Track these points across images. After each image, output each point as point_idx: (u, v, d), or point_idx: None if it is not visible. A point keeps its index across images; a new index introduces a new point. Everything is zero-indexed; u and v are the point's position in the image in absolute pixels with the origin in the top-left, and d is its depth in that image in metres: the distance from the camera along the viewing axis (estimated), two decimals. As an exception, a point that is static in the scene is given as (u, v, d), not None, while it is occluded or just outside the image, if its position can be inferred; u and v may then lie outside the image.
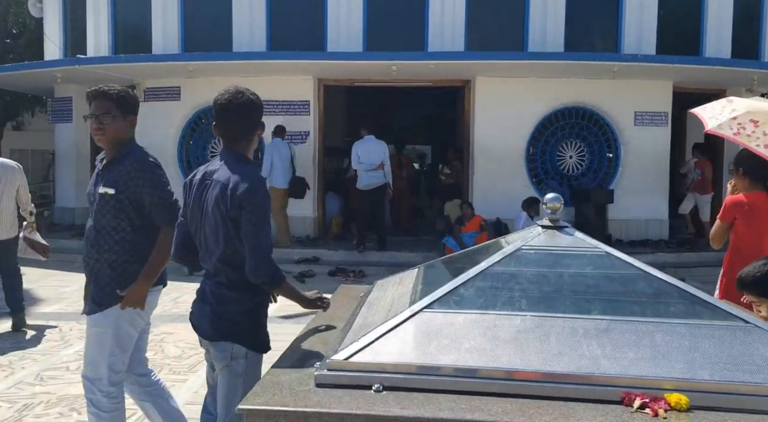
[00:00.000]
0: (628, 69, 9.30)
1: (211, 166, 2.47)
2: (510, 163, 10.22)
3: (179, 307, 6.85)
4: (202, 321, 2.43)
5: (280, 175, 9.46)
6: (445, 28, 10.31)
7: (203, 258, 2.45)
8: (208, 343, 2.43)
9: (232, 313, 2.38)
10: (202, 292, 2.47)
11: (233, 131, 2.46)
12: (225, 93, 2.47)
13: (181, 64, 9.55)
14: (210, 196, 2.35)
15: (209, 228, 2.35)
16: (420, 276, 2.61)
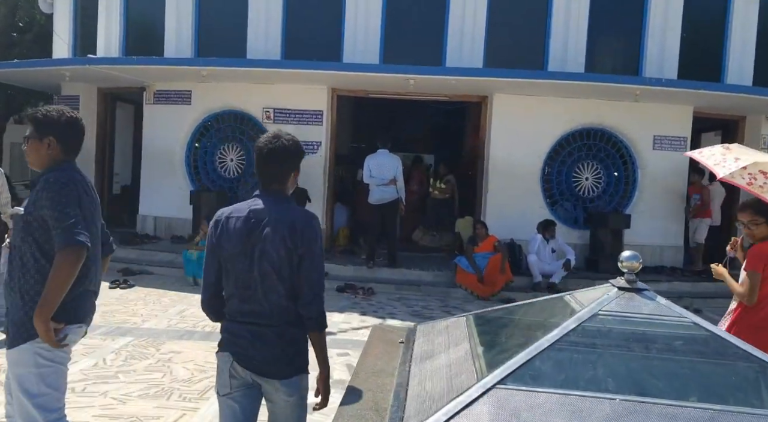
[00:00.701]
0: (651, 93, 9.13)
1: (252, 205, 2.47)
2: (525, 182, 10.02)
3: (186, 321, 6.61)
4: (272, 364, 2.40)
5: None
6: (465, 43, 10.12)
7: (246, 299, 2.43)
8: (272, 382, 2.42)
9: (303, 348, 2.47)
10: (256, 335, 2.41)
11: (272, 174, 2.51)
12: (264, 138, 2.52)
13: (194, 68, 9.34)
14: (268, 235, 2.38)
15: (269, 267, 2.38)
16: (473, 332, 2.39)
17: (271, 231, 2.38)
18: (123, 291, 7.96)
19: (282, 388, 2.41)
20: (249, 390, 2.46)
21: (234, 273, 2.44)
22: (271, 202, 2.46)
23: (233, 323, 2.47)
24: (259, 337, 2.40)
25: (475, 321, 2.53)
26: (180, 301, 7.58)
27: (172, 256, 9.53)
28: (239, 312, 2.45)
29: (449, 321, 2.67)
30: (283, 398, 2.43)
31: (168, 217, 10.77)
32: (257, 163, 2.52)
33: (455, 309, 7.96)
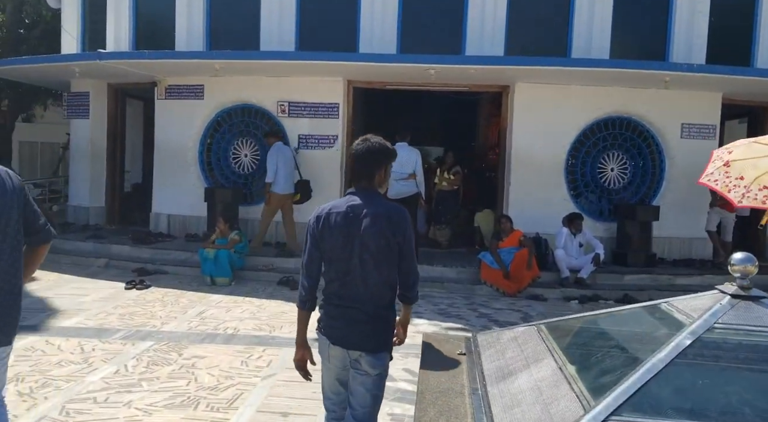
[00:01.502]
0: (681, 79, 8.78)
1: (349, 201, 2.75)
2: (548, 174, 9.71)
3: (206, 324, 6.36)
4: (361, 338, 2.71)
5: (282, 180, 9.04)
6: (485, 31, 9.80)
7: (346, 283, 2.72)
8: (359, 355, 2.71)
9: (390, 329, 2.80)
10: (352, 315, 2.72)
11: (360, 172, 2.81)
12: (356, 142, 2.84)
13: (207, 61, 9.07)
14: (367, 227, 2.67)
15: (369, 256, 2.67)
16: (553, 346, 2.11)
17: (370, 223, 2.67)
18: (140, 292, 7.72)
19: (369, 360, 2.70)
20: (345, 366, 2.79)
21: (335, 262, 2.74)
22: (365, 198, 2.75)
23: (331, 306, 2.79)
24: (354, 317, 2.72)
25: (551, 332, 2.25)
26: (199, 302, 7.34)
27: (187, 255, 9.29)
28: (338, 296, 2.76)
29: (516, 331, 2.39)
30: (368, 369, 2.71)
31: (182, 215, 10.53)
32: (350, 163, 2.90)
33: (482, 306, 7.69)
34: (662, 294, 8.43)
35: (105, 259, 9.31)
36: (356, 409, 2.75)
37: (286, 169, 9.11)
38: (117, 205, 11.89)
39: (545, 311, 7.53)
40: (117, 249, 9.69)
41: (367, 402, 2.73)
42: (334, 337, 2.77)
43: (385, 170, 2.83)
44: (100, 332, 5.95)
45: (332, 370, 2.84)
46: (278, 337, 5.96)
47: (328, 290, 2.82)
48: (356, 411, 2.74)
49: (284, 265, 9.01)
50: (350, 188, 2.86)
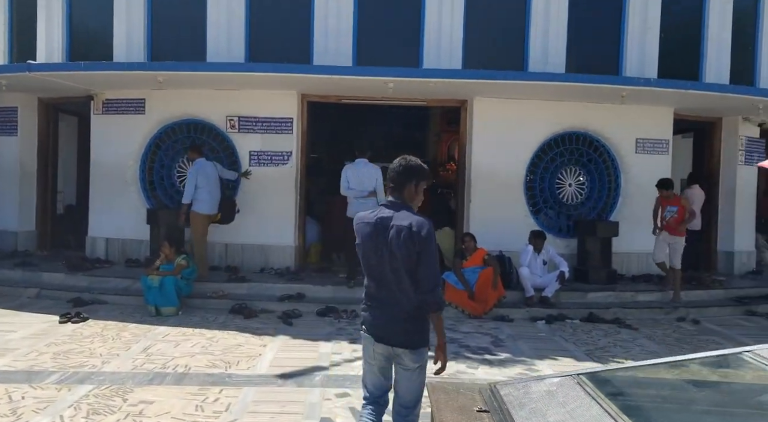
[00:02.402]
0: (637, 94, 8.77)
1: (380, 213, 3.09)
2: (509, 191, 9.52)
3: (153, 361, 5.74)
4: (402, 336, 3.05)
5: (205, 198, 8.53)
6: (442, 45, 9.56)
7: (381, 287, 3.08)
8: (402, 351, 3.06)
9: (426, 327, 3.08)
10: (390, 315, 3.07)
11: (392, 187, 3.16)
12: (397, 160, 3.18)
13: (149, 73, 8.45)
14: (393, 237, 2.98)
15: (398, 264, 2.99)
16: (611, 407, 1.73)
17: (395, 234, 2.99)
18: (76, 326, 7.00)
19: (410, 356, 3.05)
20: (387, 360, 3.15)
21: (370, 267, 3.10)
22: (393, 210, 3.08)
23: (371, 307, 3.14)
24: (392, 317, 3.05)
25: (600, 386, 1.88)
26: (143, 336, 6.69)
27: (128, 282, 8.58)
28: (375, 298, 3.12)
29: (549, 383, 2.02)
30: (409, 364, 3.06)
31: (121, 239, 9.78)
32: (389, 180, 3.19)
33: (449, 330, 7.31)
34: (626, 312, 8.30)
35: (36, 289, 8.49)
36: (403, 397, 3.16)
37: (209, 187, 8.56)
38: (49, 229, 11.00)
39: (514, 333, 7.25)
40: (49, 278, 8.87)
41: (411, 390, 3.14)
42: (377, 336, 3.12)
43: (415, 187, 3.15)
44: (31, 375, 5.26)
45: (375, 366, 3.20)
46: (236, 375, 5.42)
47: (367, 292, 3.19)
48: (403, 398, 3.16)
49: (236, 291, 8.43)
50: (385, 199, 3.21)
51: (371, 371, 3.23)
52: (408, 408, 3.15)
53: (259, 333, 6.90)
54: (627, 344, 6.93)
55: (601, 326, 7.78)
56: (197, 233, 8.64)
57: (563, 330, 7.52)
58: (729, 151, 10.92)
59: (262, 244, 9.46)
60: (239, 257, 9.49)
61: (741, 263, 10.88)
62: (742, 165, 10.85)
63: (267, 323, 7.41)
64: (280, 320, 7.52)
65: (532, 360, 6.08)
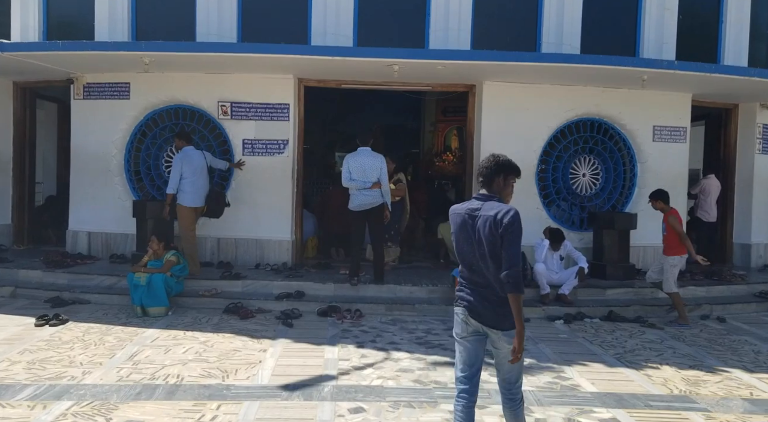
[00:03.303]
0: (658, 77, 8.21)
1: (470, 204, 3.35)
2: (520, 181, 8.78)
3: (141, 371, 5.12)
4: (498, 319, 3.25)
5: (190, 190, 7.92)
6: (450, 25, 8.96)
7: (473, 271, 3.33)
8: (497, 332, 3.26)
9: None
10: (483, 297, 3.29)
11: (481, 182, 3.40)
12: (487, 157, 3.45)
13: (134, 54, 7.75)
14: (482, 226, 3.23)
15: (485, 252, 3.22)
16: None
17: (483, 223, 3.20)
18: (54, 330, 6.35)
19: (504, 337, 3.22)
20: (478, 336, 3.33)
21: (463, 254, 3.35)
22: (482, 201, 3.30)
23: (466, 288, 3.36)
24: (485, 299, 3.27)
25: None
26: (129, 340, 6.06)
27: (112, 280, 7.94)
28: (470, 281, 3.35)
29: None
30: (504, 345, 3.22)
31: (105, 233, 9.11)
32: (480, 172, 3.39)
33: (463, 331, 6.77)
34: (648, 310, 7.80)
35: (11, 287, 7.82)
36: (504, 374, 3.35)
37: (195, 178, 7.94)
38: (26, 222, 10.28)
39: (533, 335, 6.69)
40: (26, 275, 8.20)
41: (512, 368, 3.30)
42: (472, 311, 3.32)
43: (504, 180, 3.36)
44: (1, 390, 4.62)
45: (467, 343, 3.37)
46: (235, 387, 4.81)
47: (462, 275, 3.43)
48: (505, 375, 3.35)
49: (230, 289, 7.82)
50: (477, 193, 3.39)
51: (464, 348, 3.40)
52: (511, 383, 3.36)
53: (257, 336, 6.30)
54: (656, 346, 6.41)
55: (623, 325, 7.26)
56: (184, 227, 8.02)
57: (584, 331, 6.99)
58: (745, 140, 10.44)
59: (257, 238, 8.84)
60: (232, 252, 8.87)
61: (758, 256, 10.42)
62: (760, 154, 10.37)
63: (265, 324, 6.81)
64: (279, 321, 6.92)
65: (560, 367, 5.53)
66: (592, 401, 4.71)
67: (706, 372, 5.51)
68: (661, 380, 5.26)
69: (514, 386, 3.36)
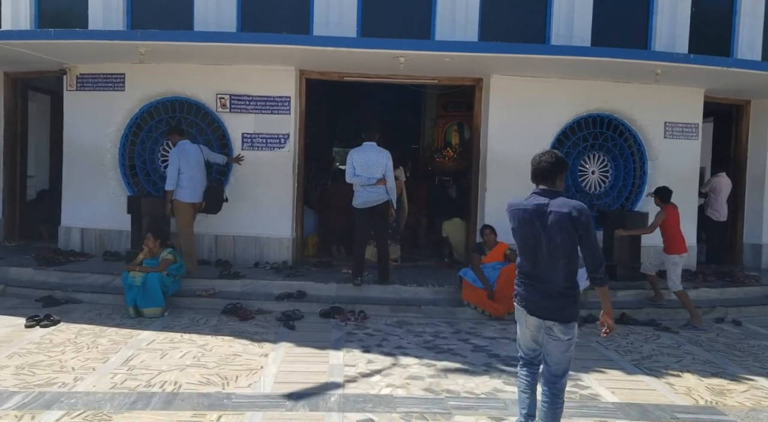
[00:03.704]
0: (671, 71, 7.93)
1: (535, 200, 3.46)
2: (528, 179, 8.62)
3: (136, 377, 4.84)
4: (554, 311, 3.42)
5: (188, 185, 7.64)
6: (457, 16, 8.66)
7: (536, 265, 3.47)
8: (553, 324, 3.43)
9: (576, 303, 3.47)
10: (543, 291, 3.46)
11: (544, 177, 3.50)
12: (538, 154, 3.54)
13: (129, 43, 7.44)
14: (552, 222, 3.35)
15: (555, 246, 3.37)
16: None
17: (555, 219, 3.36)
18: (45, 331, 6.06)
19: (561, 328, 3.42)
20: (539, 328, 3.53)
21: (526, 249, 3.51)
22: (548, 197, 3.45)
23: (525, 283, 3.55)
24: (545, 293, 3.45)
25: None
26: (124, 343, 5.77)
27: (106, 278, 7.65)
28: (530, 276, 3.52)
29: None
30: (559, 335, 3.43)
31: (98, 229, 8.81)
32: (533, 170, 3.56)
33: (472, 335, 6.51)
34: (660, 313, 7.56)
35: (0, 286, 7.52)
36: (551, 366, 3.46)
37: (192, 173, 7.65)
38: (17, 218, 9.96)
39: (545, 338, 6.43)
40: (17, 273, 7.90)
41: (561, 360, 3.44)
42: (530, 309, 3.49)
43: (563, 176, 3.52)
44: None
45: (527, 333, 3.59)
46: (236, 395, 4.53)
47: (522, 270, 3.53)
48: (551, 367, 3.46)
49: (229, 289, 7.54)
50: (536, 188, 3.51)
51: (525, 336, 3.63)
52: (557, 377, 3.47)
53: (257, 339, 6.02)
54: (674, 351, 6.16)
55: (637, 329, 7.01)
56: (181, 224, 7.73)
57: (597, 334, 6.70)
58: (758, 137, 10.20)
59: (256, 236, 8.55)
60: (231, 250, 8.58)
61: (769, 256, 10.20)
62: (773, 151, 10.13)
63: (265, 326, 6.53)
64: (280, 322, 6.64)
65: (577, 374, 5.26)
66: (614, 412, 4.45)
67: (730, 381, 5.26)
68: (684, 389, 5.01)
69: (560, 380, 3.47)
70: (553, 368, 3.47)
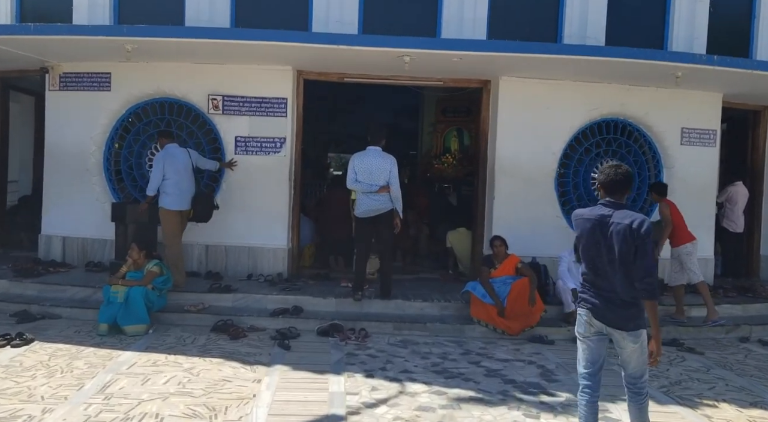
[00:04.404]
0: (694, 74, 7.46)
1: (600, 210, 3.54)
2: (539, 187, 8.20)
3: (113, 408, 4.30)
4: (619, 321, 3.46)
5: (173, 192, 7.15)
6: (465, 14, 8.20)
7: (599, 275, 3.53)
8: (621, 333, 3.46)
9: (641, 311, 3.45)
10: (608, 300, 3.49)
11: (612, 190, 3.58)
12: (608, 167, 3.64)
13: (115, 40, 6.92)
14: (614, 233, 3.42)
15: (615, 257, 3.42)
16: None
17: (616, 231, 3.41)
18: (16, 352, 5.51)
19: (628, 337, 3.46)
20: (601, 336, 3.59)
21: (589, 259, 3.59)
22: (613, 208, 3.51)
23: (590, 291, 3.60)
24: (610, 302, 3.49)
25: None
26: (102, 366, 5.23)
27: (87, 292, 7.10)
28: (594, 285, 3.58)
29: None
30: (629, 345, 3.47)
31: (81, 238, 8.27)
32: (603, 182, 3.62)
33: (483, 356, 6.00)
34: (681, 331, 7.07)
35: (-28, 300, 6.97)
36: (629, 370, 3.57)
37: (178, 178, 7.16)
38: (-3, 223, 9.42)
39: (562, 361, 5.93)
40: (-9, 285, 7.34)
41: (636, 364, 3.53)
42: (595, 313, 3.56)
43: (629, 190, 3.67)
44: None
45: (590, 343, 3.63)
46: (224, 432, 4.01)
47: (586, 278, 3.67)
48: (629, 371, 3.57)
49: (219, 304, 7.00)
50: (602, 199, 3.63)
51: (587, 347, 3.63)
52: (636, 378, 3.54)
53: (250, 362, 5.49)
54: (703, 376, 5.66)
55: (658, 348, 6.50)
56: (168, 233, 7.22)
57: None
58: (776, 144, 9.76)
59: (249, 246, 8.03)
60: (222, 261, 8.05)
61: (788, 269, 9.74)
62: (791, 160, 9.68)
63: (259, 346, 6.01)
64: (275, 341, 6.12)
65: (603, 404, 4.73)
66: (653, 453, 3.94)
67: (772, 412, 4.77)
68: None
69: (640, 381, 3.54)
70: (630, 371, 3.56)
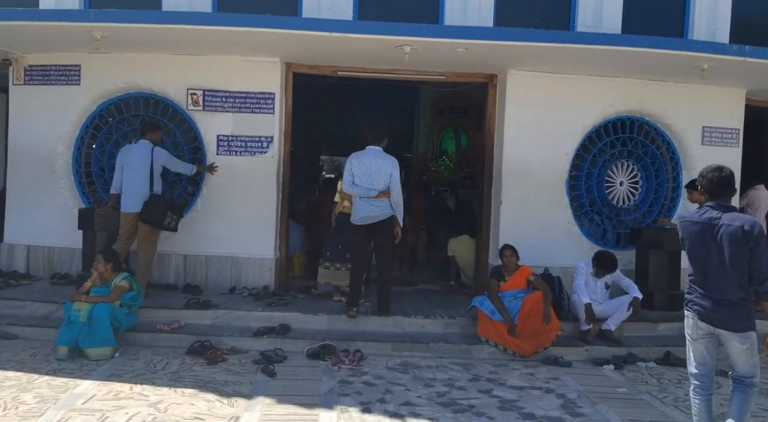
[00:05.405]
0: (721, 66, 6.80)
1: (708, 213, 3.58)
2: (549, 190, 7.52)
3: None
4: (727, 321, 3.55)
5: (124, 192, 6.58)
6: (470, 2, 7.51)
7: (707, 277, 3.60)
8: (729, 333, 3.55)
9: (750, 313, 3.53)
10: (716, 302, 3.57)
11: (713, 194, 3.63)
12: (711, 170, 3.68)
13: (82, 26, 6.17)
14: (724, 235, 3.48)
15: (725, 259, 3.49)
16: None
17: (726, 232, 3.48)
18: (-43, 382, 4.76)
19: (737, 338, 3.54)
20: (710, 337, 3.68)
21: (697, 260, 3.65)
22: (721, 211, 3.56)
23: (697, 293, 3.67)
24: (718, 304, 3.56)
25: None
26: (54, 399, 4.49)
27: (49, 308, 6.34)
28: (702, 286, 3.63)
29: None
30: (737, 345, 3.55)
31: (47, 247, 7.50)
32: (708, 186, 3.65)
33: (494, 383, 5.29)
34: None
35: None
36: (739, 370, 3.64)
37: (130, 175, 6.54)
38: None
39: (584, 388, 5.23)
40: (-59, 301, 6.57)
41: (747, 364, 3.59)
42: (702, 315, 3.63)
43: (734, 192, 3.72)
44: None
45: (699, 345, 3.73)
46: (189, 492, 3.27)
47: (694, 280, 3.69)
48: (740, 371, 3.63)
49: (197, 321, 6.26)
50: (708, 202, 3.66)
51: (697, 349, 3.76)
52: (747, 377, 3.62)
53: (227, 393, 4.76)
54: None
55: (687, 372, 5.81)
56: (119, 235, 6.58)
57: (644, 382, 5.55)
58: (799, 145, 9.12)
59: (232, 256, 7.29)
60: (202, 273, 7.30)
61: (811, 279, 9.06)
62: (815, 161, 9.04)
63: (239, 373, 5.28)
64: (258, 366, 5.41)
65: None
66: None
67: (840, 456, 4.08)
68: (788, 471, 3.83)
69: (751, 380, 3.61)
70: (740, 371, 3.63)
